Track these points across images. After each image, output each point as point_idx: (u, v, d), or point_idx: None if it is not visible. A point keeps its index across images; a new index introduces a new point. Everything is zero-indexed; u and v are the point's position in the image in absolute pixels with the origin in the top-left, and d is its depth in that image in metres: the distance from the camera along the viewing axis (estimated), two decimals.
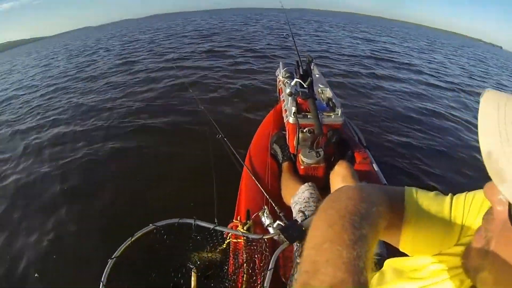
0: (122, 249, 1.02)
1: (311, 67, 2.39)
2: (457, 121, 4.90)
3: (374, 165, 1.94)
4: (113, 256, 1.00)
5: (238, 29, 17.01)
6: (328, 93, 2.28)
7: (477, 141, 0.33)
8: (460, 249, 0.47)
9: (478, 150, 0.32)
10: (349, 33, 18.03)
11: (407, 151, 3.59)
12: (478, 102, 0.34)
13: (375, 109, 4.93)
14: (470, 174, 3.31)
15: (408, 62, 9.94)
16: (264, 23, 20.82)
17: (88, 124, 4.62)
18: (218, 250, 1.34)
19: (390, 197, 0.53)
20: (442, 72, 9.34)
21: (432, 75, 8.42)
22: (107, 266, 0.98)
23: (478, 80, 9.32)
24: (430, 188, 0.58)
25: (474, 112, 5.18)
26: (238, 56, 8.79)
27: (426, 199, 0.55)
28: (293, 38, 2.89)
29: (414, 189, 0.58)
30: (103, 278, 0.95)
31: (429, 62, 10.91)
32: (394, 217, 0.53)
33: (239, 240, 1.28)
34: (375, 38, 16.66)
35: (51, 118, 5.25)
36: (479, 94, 0.53)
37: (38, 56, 18.04)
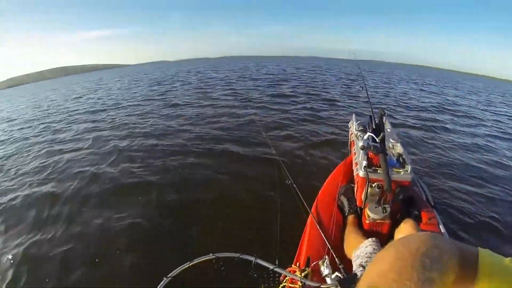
0: (178, 271, 1.07)
1: (383, 121, 2.38)
2: None
3: (441, 226, 1.82)
4: (168, 275, 1.04)
5: (310, 77, 17.46)
6: (399, 148, 2.23)
7: None
8: None
9: None
10: (418, 86, 17.40)
11: (476, 214, 3.18)
12: None
13: (447, 165, 4.49)
14: None
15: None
16: (334, 73, 21.15)
17: (165, 143, 5.20)
18: None
19: (462, 252, 0.50)
20: None
21: None
22: (161, 283, 1.02)
23: None
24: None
25: None
26: (312, 102, 8.88)
27: (501, 264, 0.51)
28: (366, 91, 2.90)
29: (489, 251, 0.54)
30: None
31: None
32: (464, 275, 0.49)
33: (295, 286, 1.26)
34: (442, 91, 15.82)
35: (138, 130, 6.31)
36: None
37: (124, 80, 21.15)
